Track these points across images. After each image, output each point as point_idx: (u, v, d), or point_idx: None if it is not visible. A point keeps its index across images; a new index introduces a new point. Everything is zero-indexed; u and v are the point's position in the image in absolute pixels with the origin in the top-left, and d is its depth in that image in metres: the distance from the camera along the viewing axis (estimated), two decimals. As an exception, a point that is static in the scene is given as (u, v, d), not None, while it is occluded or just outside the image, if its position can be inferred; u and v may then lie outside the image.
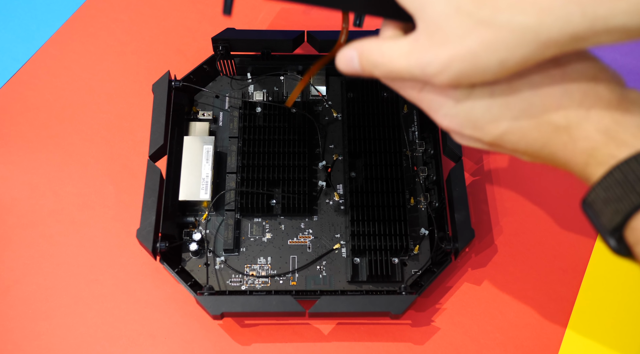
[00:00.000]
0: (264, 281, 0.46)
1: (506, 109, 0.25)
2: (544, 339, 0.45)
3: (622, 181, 0.23)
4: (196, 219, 0.48)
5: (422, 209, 0.49)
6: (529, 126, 0.25)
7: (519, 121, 0.25)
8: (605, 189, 0.23)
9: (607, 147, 0.24)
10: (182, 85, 0.50)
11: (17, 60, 0.56)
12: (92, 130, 0.53)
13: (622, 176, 0.23)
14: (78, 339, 0.45)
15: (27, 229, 0.48)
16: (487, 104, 0.25)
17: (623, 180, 0.23)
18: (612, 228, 0.23)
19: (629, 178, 0.23)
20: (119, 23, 0.58)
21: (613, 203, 0.23)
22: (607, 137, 0.24)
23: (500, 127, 0.25)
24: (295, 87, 0.35)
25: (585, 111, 0.24)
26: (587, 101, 0.25)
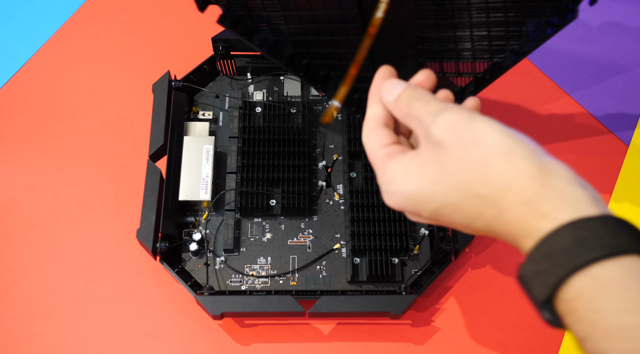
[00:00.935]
0: (264, 281, 0.46)
1: (438, 187, 0.28)
2: (544, 340, 0.45)
3: (548, 255, 0.24)
4: (196, 219, 0.48)
5: (422, 209, 0.49)
6: (459, 200, 0.27)
7: (450, 197, 0.27)
8: (534, 263, 0.24)
9: (532, 220, 0.25)
10: (182, 85, 0.50)
11: (17, 61, 0.56)
12: (92, 130, 0.53)
13: (547, 249, 0.24)
14: (78, 339, 0.45)
15: (27, 229, 0.48)
16: (419, 184, 0.28)
17: (548, 253, 0.24)
18: (543, 301, 0.24)
19: (553, 251, 0.24)
20: (118, 23, 0.58)
21: (541, 277, 0.24)
22: (530, 209, 0.25)
23: (434, 203, 0.28)
24: (343, 83, 0.35)
25: (507, 184, 0.26)
26: (507, 174, 0.26)
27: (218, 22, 0.42)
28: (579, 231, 0.23)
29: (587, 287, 0.23)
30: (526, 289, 0.25)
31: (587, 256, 0.23)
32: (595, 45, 0.58)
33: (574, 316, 0.23)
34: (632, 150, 0.53)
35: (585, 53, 0.58)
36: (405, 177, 0.29)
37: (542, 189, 0.25)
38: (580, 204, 0.24)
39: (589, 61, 0.58)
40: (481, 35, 0.38)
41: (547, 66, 0.57)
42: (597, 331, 0.22)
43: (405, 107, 0.30)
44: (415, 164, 0.29)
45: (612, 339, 0.22)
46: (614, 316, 0.22)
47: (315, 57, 0.44)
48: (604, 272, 0.23)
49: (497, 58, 0.39)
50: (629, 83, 0.57)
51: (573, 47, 0.59)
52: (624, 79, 0.57)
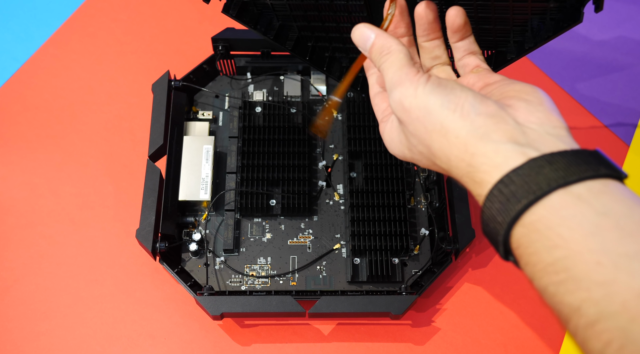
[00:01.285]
0: (264, 281, 0.46)
1: (411, 153, 0.32)
2: (544, 340, 0.45)
3: (490, 217, 0.27)
4: (196, 219, 0.48)
5: (423, 209, 0.49)
6: (429, 164, 0.31)
7: (422, 162, 0.32)
8: (485, 225, 0.27)
9: (475, 187, 0.28)
10: (181, 85, 0.50)
11: (17, 60, 0.56)
12: (91, 130, 0.53)
13: (488, 211, 0.27)
14: (78, 339, 0.45)
15: (27, 229, 0.48)
16: (400, 149, 0.33)
17: (490, 216, 0.27)
18: (504, 255, 0.27)
19: (492, 213, 0.26)
20: (118, 23, 0.58)
21: (493, 236, 0.27)
22: (470, 179, 0.28)
23: (419, 162, 0.32)
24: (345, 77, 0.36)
25: (447, 159, 0.29)
26: (445, 150, 0.29)
27: (223, 12, 0.42)
28: (506, 187, 0.25)
29: (523, 235, 0.25)
30: (494, 246, 0.28)
31: (515, 209, 0.25)
32: (596, 44, 0.58)
33: (521, 262, 0.26)
34: (633, 149, 0.53)
35: (585, 52, 0.58)
36: (392, 143, 0.34)
37: (473, 158, 0.27)
38: (507, 159, 0.26)
39: (590, 60, 0.58)
40: (486, 28, 0.38)
41: (548, 66, 0.57)
42: (537, 271, 0.24)
43: (376, 63, 0.33)
44: (394, 131, 0.33)
45: (549, 273, 0.24)
46: (546, 254, 0.24)
47: (320, 40, 0.45)
48: (533, 217, 0.25)
49: (502, 48, 0.40)
50: (629, 82, 0.57)
51: (573, 47, 0.58)
52: (625, 78, 0.57)
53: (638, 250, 0.22)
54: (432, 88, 0.29)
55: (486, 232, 0.28)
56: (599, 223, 0.23)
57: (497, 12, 0.36)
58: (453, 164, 0.28)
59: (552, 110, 0.29)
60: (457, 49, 0.35)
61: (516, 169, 0.25)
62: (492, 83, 0.32)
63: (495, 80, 0.32)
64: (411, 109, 0.30)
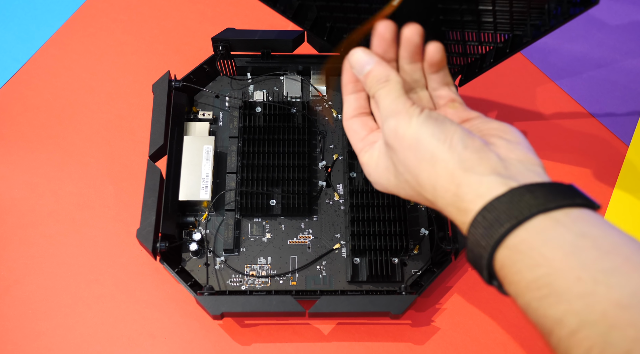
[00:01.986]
0: (264, 281, 0.46)
1: (397, 182, 0.33)
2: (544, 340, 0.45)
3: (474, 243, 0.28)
4: (196, 219, 0.48)
5: (422, 209, 0.49)
6: (414, 195, 0.33)
7: (406, 191, 0.33)
8: (470, 251, 0.29)
9: (459, 216, 0.29)
10: (182, 85, 0.50)
11: (17, 61, 0.56)
12: (92, 130, 0.53)
13: (472, 237, 0.28)
14: (78, 339, 0.45)
15: (27, 229, 0.48)
16: (386, 177, 0.34)
17: (474, 241, 0.28)
18: (487, 278, 0.28)
19: (476, 238, 0.28)
20: (118, 23, 0.58)
21: (478, 260, 0.28)
22: (455, 209, 0.29)
23: (401, 192, 0.34)
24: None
25: (433, 188, 0.30)
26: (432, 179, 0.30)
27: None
28: (489, 213, 0.27)
29: (506, 256, 0.27)
30: (478, 271, 0.29)
31: (498, 232, 0.27)
32: (595, 44, 0.58)
33: (505, 282, 0.27)
34: (632, 150, 0.53)
35: (585, 52, 0.58)
36: (376, 170, 0.35)
37: (459, 188, 0.29)
38: (490, 189, 0.28)
39: (589, 61, 0.58)
40: (503, 10, 0.38)
41: (547, 66, 0.57)
42: (520, 288, 0.26)
43: (370, 89, 0.34)
44: (381, 158, 0.34)
45: (531, 290, 0.25)
46: (528, 272, 0.26)
47: (338, 21, 0.45)
48: (516, 240, 0.26)
49: (518, 31, 0.40)
50: (629, 83, 0.57)
51: (573, 47, 0.59)
52: (624, 78, 0.57)
53: (614, 266, 0.24)
54: (425, 119, 0.31)
55: (470, 259, 0.29)
56: (577, 243, 0.25)
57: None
58: (439, 193, 0.30)
59: (528, 149, 0.31)
60: (432, 80, 0.37)
61: (499, 197, 0.27)
62: (469, 119, 0.34)
63: (472, 116, 0.35)
64: (404, 137, 0.31)
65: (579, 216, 0.26)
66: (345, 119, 0.37)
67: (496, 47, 0.42)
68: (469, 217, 0.28)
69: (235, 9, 0.59)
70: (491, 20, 0.39)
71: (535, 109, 0.55)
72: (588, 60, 0.58)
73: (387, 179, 0.34)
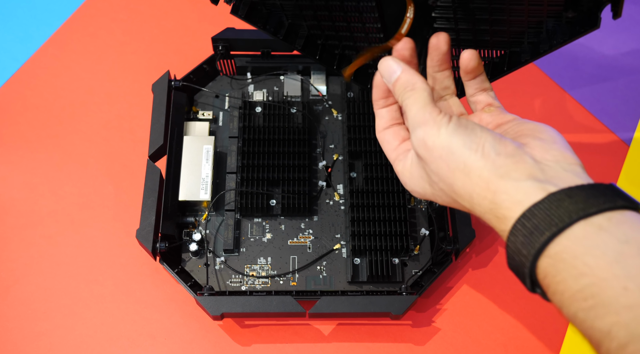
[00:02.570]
0: (264, 281, 0.46)
1: (432, 190, 0.33)
2: (545, 340, 0.45)
3: (515, 251, 0.28)
4: (196, 219, 0.48)
5: (423, 209, 0.49)
6: (450, 202, 0.32)
7: (443, 199, 0.32)
8: (511, 259, 0.28)
9: (498, 223, 0.29)
10: (182, 85, 0.50)
11: (17, 60, 0.56)
12: (91, 130, 0.53)
13: (512, 245, 0.28)
14: (78, 339, 0.45)
15: (27, 229, 0.48)
16: (422, 186, 0.33)
17: (515, 250, 0.27)
18: (530, 287, 0.28)
19: (517, 247, 0.27)
20: (118, 23, 0.58)
21: (520, 268, 0.28)
22: (493, 216, 0.29)
23: (438, 199, 0.33)
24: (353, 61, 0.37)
25: (470, 197, 0.30)
26: (467, 188, 0.30)
27: (232, 13, 0.42)
28: (529, 221, 0.27)
29: (549, 265, 0.26)
30: (520, 279, 0.28)
31: (539, 241, 0.26)
32: (596, 44, 0.58)
33: (549, 291, 0.27)
34: (633, 150, 0.53)
35: (585, 52, 0.58)
36: (411, 179, 0.34)
37: (495, 196, 0.28)
38: (528, 195, 0.27)
39: (590, 60, 0.58)
40: (500, 30, 0.38)
41: (548, 66, 0.57)
42: (565, 298, 0.25)
43: (399, 97, 0.33)
44: (414, 168, 0.33)
45: (577, 300, 0.25)
46: (573, 282, 0.25)
47: (330, 39, 0.45)
48: (558, 248, 0.26)
49: (515, 49, 0.40)
50: (629, 82, 0.57)
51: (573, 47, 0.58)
52: (625, 78, 0.57)
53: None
54: (455, 129, 0.30)
55: (512, 266, 0.28)
56: (621, 251, 0.24)
57: (511, 15, 0.36)
58: (475, 201, 0.29)
59: (565, 148, 0.30)
60: (469, 86, 0.36)
61: (537, 204, 0.27)
62: (505, 122, 0.34)
63: (509, 119, 0.34)
64: (434, 148, 0.30)
65: (622, 220, 0.25)
66: (378, 132, 0.37)
67: (492, 63, 0.41)
68: (508, 225, 0.28)
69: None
70: (488, 39, 0.39)
71: (536, 109, 0.55)
72: (589, 60, 0.58)
73: (423, 188, 0.33)
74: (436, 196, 0.33)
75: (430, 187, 0.33)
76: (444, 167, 0.30)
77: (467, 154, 0.29)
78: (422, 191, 0.33)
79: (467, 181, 0.29)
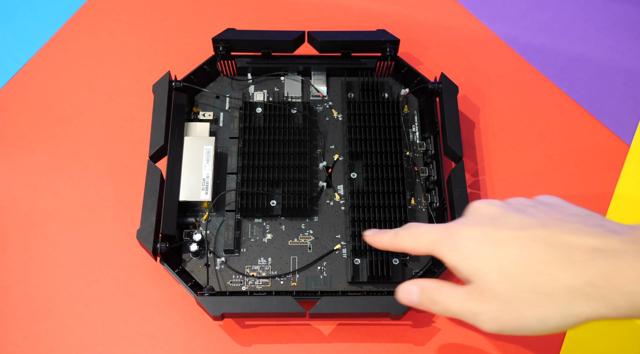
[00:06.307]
0: (265, 281, 0.46)
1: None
2: (545, 340, 0.45)
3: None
4: (196, 219, 0.48)
5: (423, 209, 0.49)
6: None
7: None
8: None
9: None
10: (182, 85, 0.50)
11: (18, 61, 0.56)
12: (92, 130, 0.53)
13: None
14: (78, 340, 0.45)
15: (27, 229, 0.48)
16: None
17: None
18: None
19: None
20: (119, 23, 0.58)
21: None
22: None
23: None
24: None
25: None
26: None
27: None
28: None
29: None
30: None
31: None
32: (593, 44, 0.58)
33: None
34: (634, 150, 0.53)
35: (583, 53, 0.58)
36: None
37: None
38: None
39: (588, 61, 0.58)
40: None
41: (546, 67, 0.57)
42: None
43: (428, 302, 0.33)
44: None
45: None
46: None
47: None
48: None
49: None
50: (628, 82, 0.57)
51: (571, 48, 0.59)
52: (624, 78, 0.57)
53: None
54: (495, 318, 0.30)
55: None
56: None
57: None
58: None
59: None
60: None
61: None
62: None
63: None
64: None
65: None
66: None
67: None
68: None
69: (235, 10, 0.59)
70: None
71: (535, 111, 0.55)
72: (587, 60, 0.58)
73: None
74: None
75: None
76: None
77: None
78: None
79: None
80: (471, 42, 0.59)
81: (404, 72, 0.52)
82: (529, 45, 0.58)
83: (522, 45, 0.58)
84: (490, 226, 0.31)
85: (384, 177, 0.48)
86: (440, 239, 0.32)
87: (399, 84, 0.54)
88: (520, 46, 0.58)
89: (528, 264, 0.28)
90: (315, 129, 0.52)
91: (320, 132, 0.52)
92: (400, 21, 0.60)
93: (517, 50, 0.57)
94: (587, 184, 0.52)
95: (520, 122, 0.54)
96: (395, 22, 0.60)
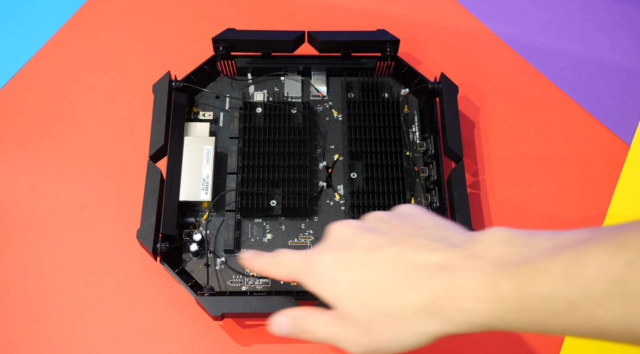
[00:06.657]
0: (265, 281, 0.46)
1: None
2: (545, 340, 0.45)
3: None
4: (196, 219, 0.48)
5: (423, 209, 0.49)
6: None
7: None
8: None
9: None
10: (182, 85, 0.50)
11: (18, 61, 0.56)
12: (92, 130, 0.53)
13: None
14: (78, 340, 0.45)
15: (27, 229, 0.48)
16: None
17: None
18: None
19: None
20: (119, 23, 0.58)
21: None
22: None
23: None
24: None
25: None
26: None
27: None
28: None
29: None
30: None
31: None
32: (593, 44, 0.58)
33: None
34: (634, 150, 0.53)
35: (583, 53, 0.58)
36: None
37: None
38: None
39: (587, 61, 0.58)
40: None
41: (546, 67, 0.57)
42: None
43: (300, 332, 0.34)
44: None
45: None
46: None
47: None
48: None
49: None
50: (628, 82, 0.57)
51: (571, 48, 0.59)
52: (623, 78, 0.57)
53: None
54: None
55: None
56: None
57: None
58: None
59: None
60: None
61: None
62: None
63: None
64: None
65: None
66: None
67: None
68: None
69: (235, 10, 0.59)
70: None
71: (535, 111, 0.55)
72: (587, 60, 0.58)
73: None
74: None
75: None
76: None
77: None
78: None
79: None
80: (471, 42, 0.59)
81: (404, 72, 0.52)
82: (529, 45, 0.58)
83: (522, 45, 0.58)
84: (344, 249, 0.31)
85: (384, 177, 0.48)
86: (301, 267, 0.33)
87: (399, 84, 0.54)
88: (520, 46, 0.58)
89: (379, 287, 0.29)
90: (315, 129, 0.52)
91: (320, 132, 0.52)
92: (400, 21, 0.60)
93: (517, 50, 0.57)
94: (587, 184, 0.52)
95: (520, 122, 0.54)
96: (395, 22, 0.60)
